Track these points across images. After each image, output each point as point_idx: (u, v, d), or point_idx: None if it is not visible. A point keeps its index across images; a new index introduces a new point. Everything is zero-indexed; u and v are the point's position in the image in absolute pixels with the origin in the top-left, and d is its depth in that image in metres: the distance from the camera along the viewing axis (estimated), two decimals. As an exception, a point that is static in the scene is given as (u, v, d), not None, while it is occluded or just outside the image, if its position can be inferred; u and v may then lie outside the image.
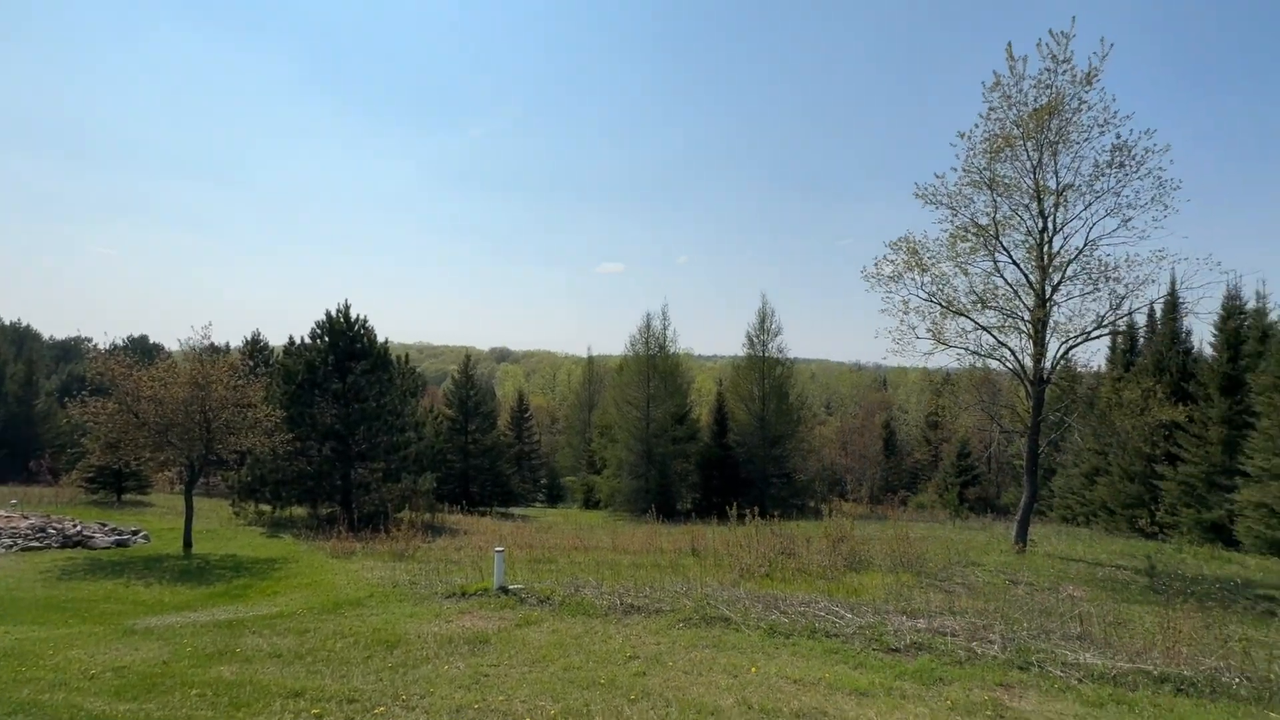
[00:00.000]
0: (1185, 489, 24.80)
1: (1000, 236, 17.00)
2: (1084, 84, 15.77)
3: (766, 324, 43.36)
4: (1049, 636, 7.71)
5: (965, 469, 47.05)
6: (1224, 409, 23.47)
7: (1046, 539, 21.01)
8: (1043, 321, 16.63)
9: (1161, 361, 28.78)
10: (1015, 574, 13.84)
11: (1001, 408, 18.74)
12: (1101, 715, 5.33)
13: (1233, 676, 6.45)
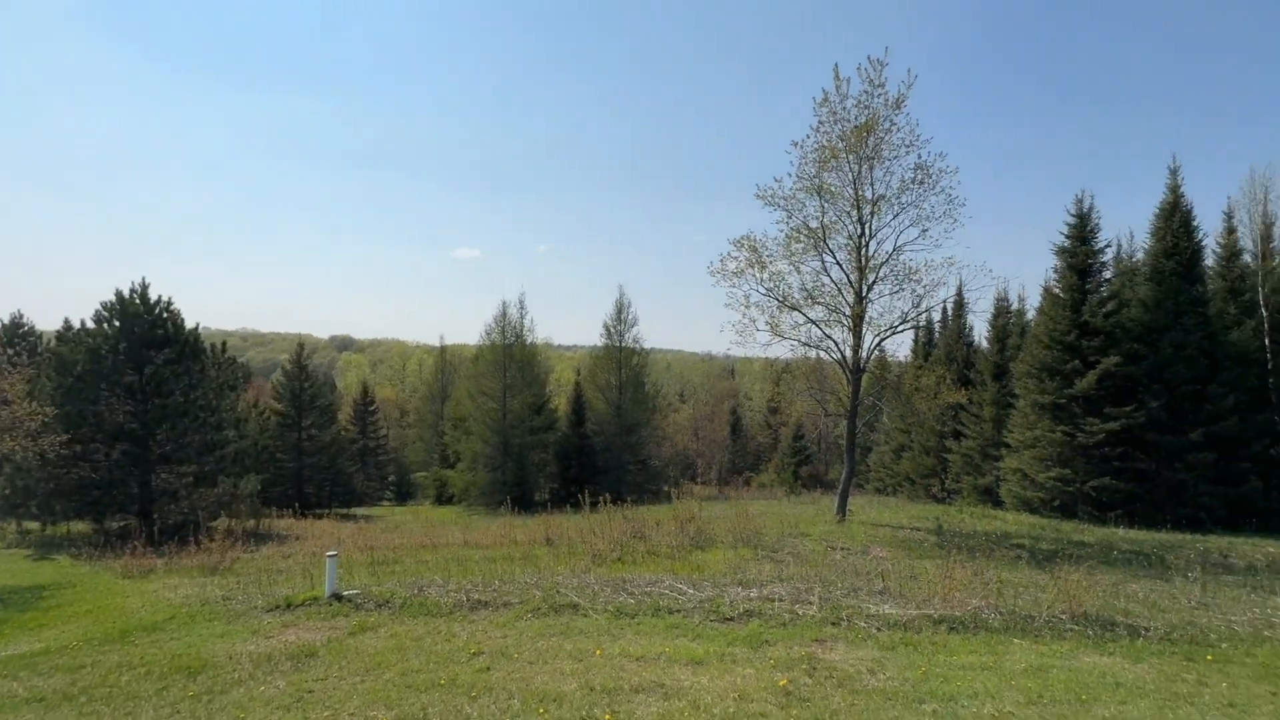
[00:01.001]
0: (966, 460, 29.48)
1: (827, 239, 18.84)
2: (894, 108, 17.91)
3: (624, 315, 44.25)
4: (857, 594, 8.79)
5: (800, 449, 51.88)
6: (994, 392, 28.19)
7: (863, 508, 23.80)
8: (860, 316, 18.74)
9: (951, 352, 33.83)
10: (835, 541, 15.53)
11: (828, 394, 20.88)
12: (893, 656, 6.18)
13: (990, 613, 7.81)
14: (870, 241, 19.05)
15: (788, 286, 19.31)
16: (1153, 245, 23.51)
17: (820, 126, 18.34)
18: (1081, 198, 23.90)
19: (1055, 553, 14.09)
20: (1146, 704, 4.95)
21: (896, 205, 18.50)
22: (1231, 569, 12.41)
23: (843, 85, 17.91)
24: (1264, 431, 21.50)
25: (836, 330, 19.53)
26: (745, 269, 18.85)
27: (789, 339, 19.64)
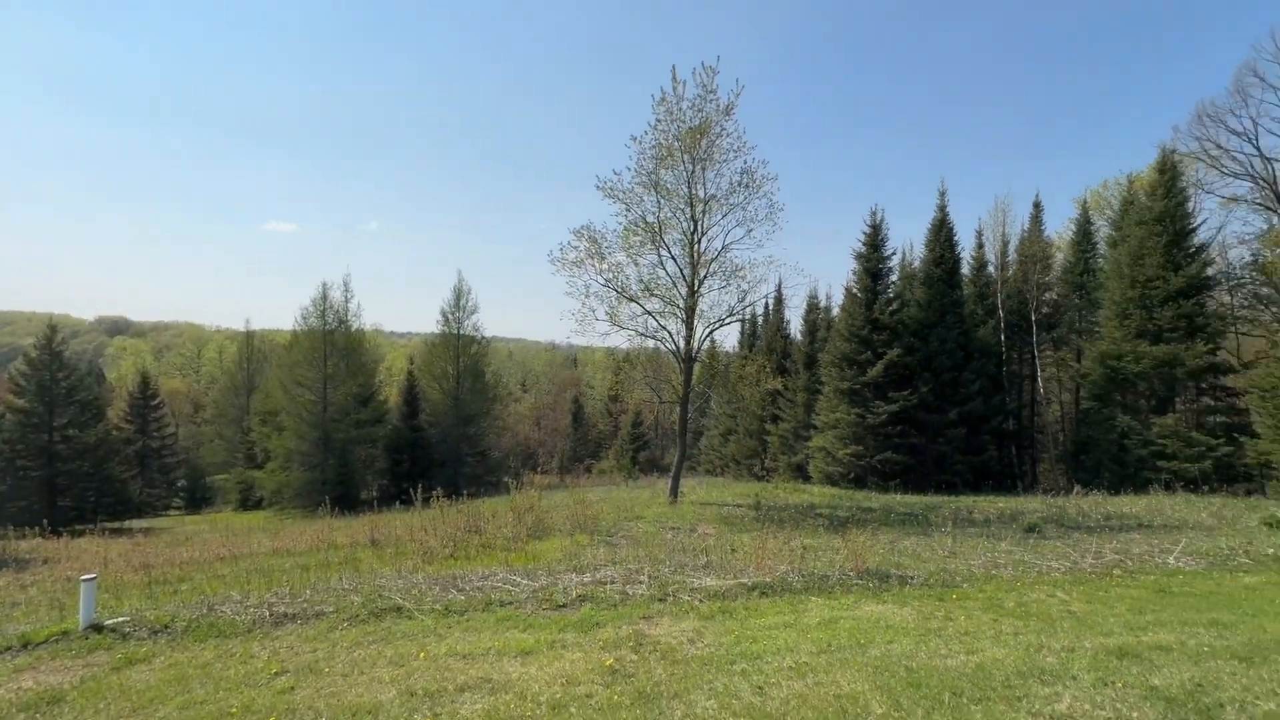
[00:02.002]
0: (782, 441, 32.73)
1: (663, 234, 19.65)
2: (725, 114, 19.13)
3: (463, 301, 42.45)
4: (683, 570, 9.35)
5: (638, 436, 53.85)
6: (806, 379, 31.57)
7: (694, 490, 25.37)
8: (693, 309, 19.86)
9: (771, 343, 37.23)
10: (667, 522, 16.39)
11: (662, 382, 21.87)
12: (711, 625, 6.68)
13: (795, 576, 8.76)
14: (702, 238, 20.21)
15: (626, 278, 19.86)
16: (926, 255, 27.85)
17: (658, 124, 19.02)
18: (875, 211, 27.59)
19: (849, 519, 16.19)
20: (908, 640, 5.88)
21: (725, 205, 19.82)
22: (974, 522, 15.20)
23: (679, 87, 18.72)
24: (999, 410, 26.62)
25: (671, 321, 20.50)
26: (585, 259, 19.03)
27: (627, 329, 20.23)
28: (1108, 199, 32.35)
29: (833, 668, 4.93)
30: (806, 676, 4.76)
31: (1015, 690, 4.10)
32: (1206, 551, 10.47)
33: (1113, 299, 23.45)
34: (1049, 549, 11.27)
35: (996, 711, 3.79)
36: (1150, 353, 21.30)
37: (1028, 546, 11.57)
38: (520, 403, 70.34)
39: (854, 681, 4.53)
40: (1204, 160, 26.44)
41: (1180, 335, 21.09)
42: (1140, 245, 22.56)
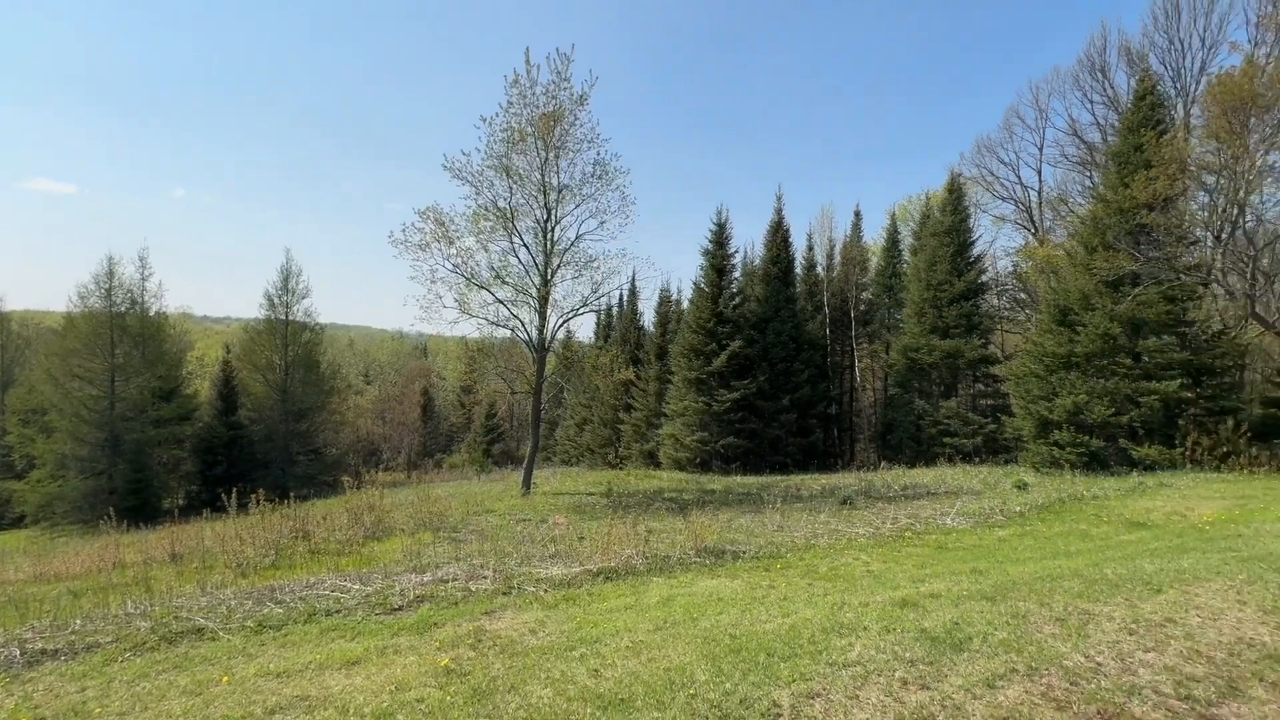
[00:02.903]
0: (635, 429, 33.70)
1: (515, 220, 19.21)
2: (579, 103, 19.10)
3: (292, 284, 38.31)
4: (530, 561, 9.30)
5: (492, 428, 52.41)
6: (658, 369, 32.75)
7: (547, 480, 25.27)
8: (545, 298, 19.69)
9: (625, 334, 38.09)
10: (519, 514, 16.17)
11: (515, 373, 21.47)
12: (555, 614, 6.71)
13: (639, 559, 9.08)
14: (555, 227, 20.08)
15: (476, 264, 19.17)
16: (764, 254, 30.12)
17: (510, 107, 18.51)
18: (720, 211, 29.24)
19: (693, 501, 17.14)
20: (735, 610, 6.36)
21: (578, 196, 19.85)
22: (801, 498, 16.84)
23: (533, 70, 18.35)
24: (824, 396, 29.64)
25: (524, 310, 20.17)
26: (431, 242, 18.05)
27: (477, 317, 19.56)
28: (911, 212, 37.29)
29: (666, 643, 5.18)
30: (641, 654, 4.96)
31: (818, 645, 4.61)
32: (974, 512, 12.54)
33: (913, 299, 27.13)
34: (858, 518, 12.82)
35: (801, 665, 4.24)
36: (940, 346, 24.98)
37: (842, 517, 13.06)
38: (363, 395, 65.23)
39: (684, 654, 4.80)
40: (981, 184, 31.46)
41: (961, 331, 24.99)
42: (933, 254, 26.32)
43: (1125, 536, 9.46)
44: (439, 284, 18.62)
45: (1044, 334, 19.69)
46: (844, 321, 33.37)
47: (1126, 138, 18.86)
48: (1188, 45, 25.03)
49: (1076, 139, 28.84)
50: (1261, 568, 5.83)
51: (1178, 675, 3.81)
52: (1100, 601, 5.08)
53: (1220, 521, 9.94)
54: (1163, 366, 17.07)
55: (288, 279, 37.83)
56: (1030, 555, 8.31)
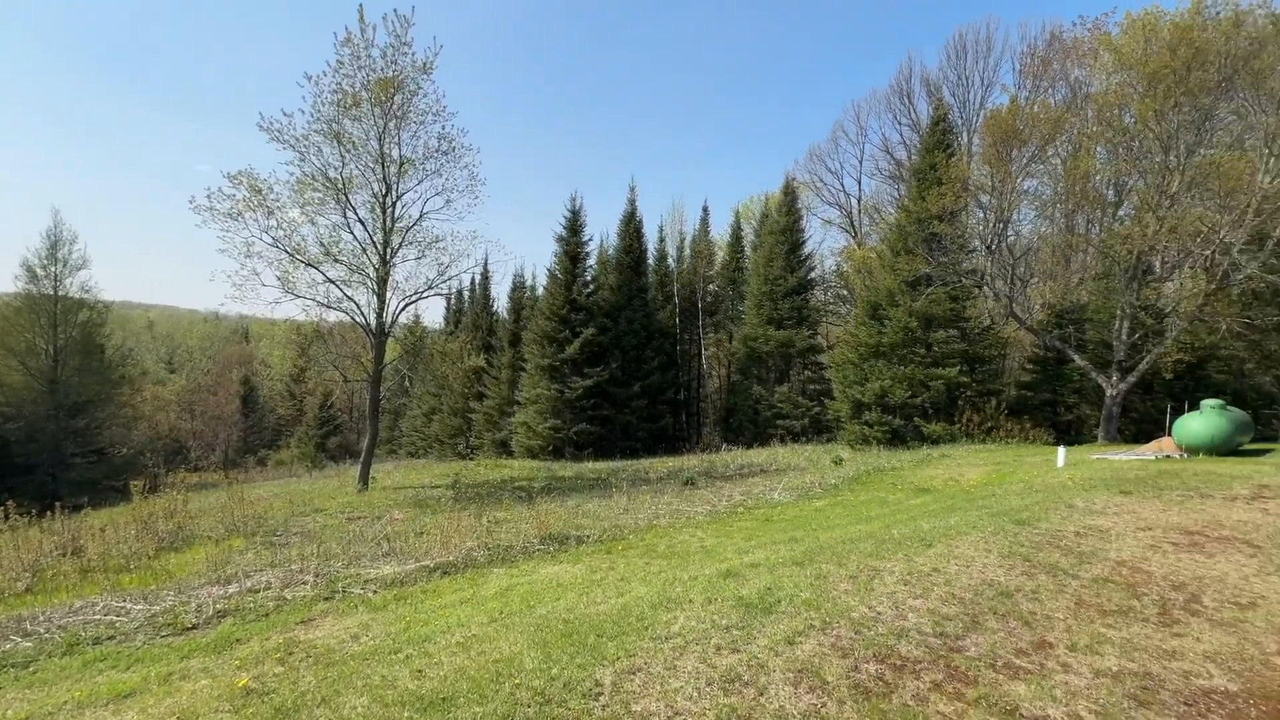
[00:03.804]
0: (487, 418, 32.75)
1: (349, 193, 17.61)
2: (422, 71, 17.89)
3: (63, 252, 31.95)
4: (360, 561, 8.66)
5: (328, 420, 48.00)
6: (511, 356, 32.04)
7: (390, 474, 23.71)
8: (385, 279, 18.33)
9: (477, 320, 36.76)
10: (354, 512, 15.00)
11: (349, 359, 19.79)
12: (382, 615, 6.31)
13: (480, 551, 8.83)
14: (396, 203, 18.74)
15: (302, 239, 17.32)
16: (618, 243, 30.61)
17: (341, 67, 16.87)
18: (575, 197, 29.16)
19: (544, 489, 17.05)
20: (573, 594, 6.42)
21: (422, 171, 18.69)
22: (649, 481, 17.46)
23: (368, 30, 16.85)
24: (673, 383, 30.93)
25: (360, 292, 18.63)
26: (244, 211, 15.97)
27: (305, 298, 17.71)
28: (753, 210, 40.02)
29: (498, 635, 5.09)
30: (471, 649, 4.82)
31: (646, 621, 4.80)
32: (798, 486, 13.86)
33: (753, 292, 29.19)
34: (699, 497, 13.58)
35: (628, 642, 4.38)
36: (775, 336, 27.17)
37: (684, 497, 13.75)
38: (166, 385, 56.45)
39: (515, 643, 4.74)
40: (812, 189, 34.56)
41: (793, 323, 27.38)
42: (771, 251, 28.49)
43: (913, 501, 11.00)
44: (255, 259, 16.57)
45: (859, 326, 22.20)
46: (692, 312, 35.02)
47: (924, 157, 21.76)
48: (971, 82, 29.46)
49: (888, 155, 32.78)
50: (1004, 520, 7.07)
51: (936, 616, 4.49)
52: (885, 559, 5.84)
53: (982, 484, 11.94)
54: (947, 355, 20.06)
55: (56, 246, 31.39)
56: (839, 522, 9.35)
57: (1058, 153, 21.06)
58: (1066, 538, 6.30)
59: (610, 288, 29.46)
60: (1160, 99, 16.21)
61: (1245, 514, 7.17)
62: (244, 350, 70.48)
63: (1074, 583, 5.11)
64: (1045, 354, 21.77)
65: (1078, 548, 5.98)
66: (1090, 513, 7.29)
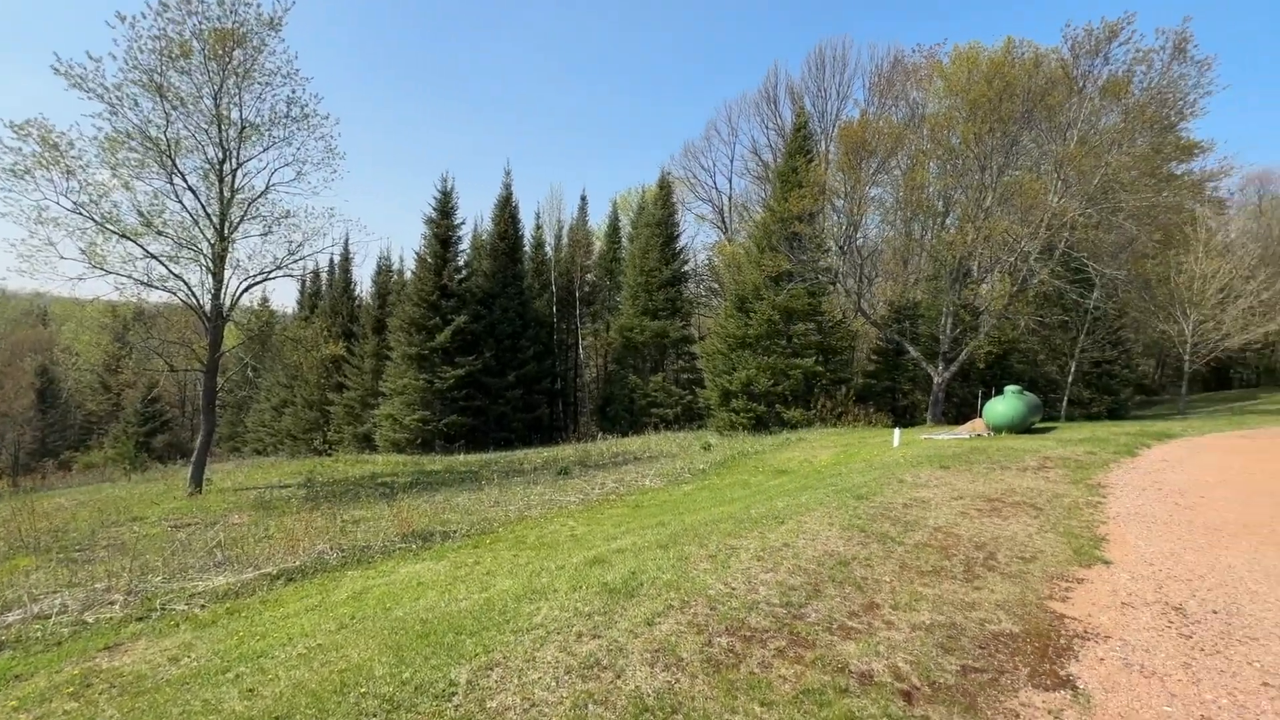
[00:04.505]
0: (348, 410, 30.43)
1: (176, 156, 15.43)
2: (269, 27, 16.05)
3: None
4: (186, 573, 7.69)
5: (154, 415, 42.09)
6: (375, 345, 29.96)
7: (231, 474, 21.28)
8: (222, 257, 16.32)
9: (336, 305, 33.94)
10: (182, 518, 13.29)
11: (175, 345, 17.43)
12: (209, 632, 5.64)
13: (333, 553, 8.19)
14: (237, 171, 16.72)
15: (114, 205, 14.91)
16: (493, 229, 29.65)
17: (166, 10, 14.68)
18: (446, 178, 27.79)
19: (410, 484, 16.18)
20: (434, 593, 6.15)
21: (269, 138, 16.82)
22: (523, 472, 17.17)
23: (200, -28, 14.77)
24: (549, 373, 30.65)
25: (191, 270, 16.45)
26: (34, 169, 13.44)
27: (118, 274, 15.29)
28: (630, 202, 40.51)
29: (348, 642, 4.74)
30: (315, 660, 4.44)
31: (508, 614, 4.70)
32: (668, 472, 14.32)
33: (629, 283, 29.60)
34: (573, 486, 13.58)
35: (488, 637, 4.26)
36: (650, 326, 27.79)
37: (558, 487, 13.68)
38: (-78, 377, 46.37)
39: (366, 650, 4.45)
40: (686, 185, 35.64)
41: (668, 314, 28.16)
42: (647, 242, 29.04)
43: (772, 482, 11.78)
44: (51, 226, 14.01)
45: (728, 319, 23.31)
46: (570, 301, 34.81)
47: (787, 161, 23.23)
48: (829, 94, 31.86)
49: (756, 157, 34.59)
50: (846, 496, 7.78)
51: (784, 587, 4.84)
52: (743, 537, 6.19)
53: (831, 464, 13.06)
54: (805, 347, 21.68)
55: None
56: (704, 505, 9.78)
57: (899, 165, 23.44)
58: (896, 509, 7.05)
59: (484, 274, 28.47)
60: (979, 124, 18.55)
61: (1033, 482, 8.47)
62: (41, 335, 59.64)
63: (899, 549, 5.73)
64: (886, 346, 24.22)
65: (904, 517, 6.72)
66: (916, 486, 8.22)
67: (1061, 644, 4.12)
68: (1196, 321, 21.54)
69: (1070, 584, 5.08)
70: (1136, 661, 3.88)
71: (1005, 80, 18.36)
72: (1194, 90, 18.92)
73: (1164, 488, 8.24)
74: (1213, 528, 6.49)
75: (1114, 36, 18.04)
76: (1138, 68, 18.36)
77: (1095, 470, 9.29)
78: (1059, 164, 18.33)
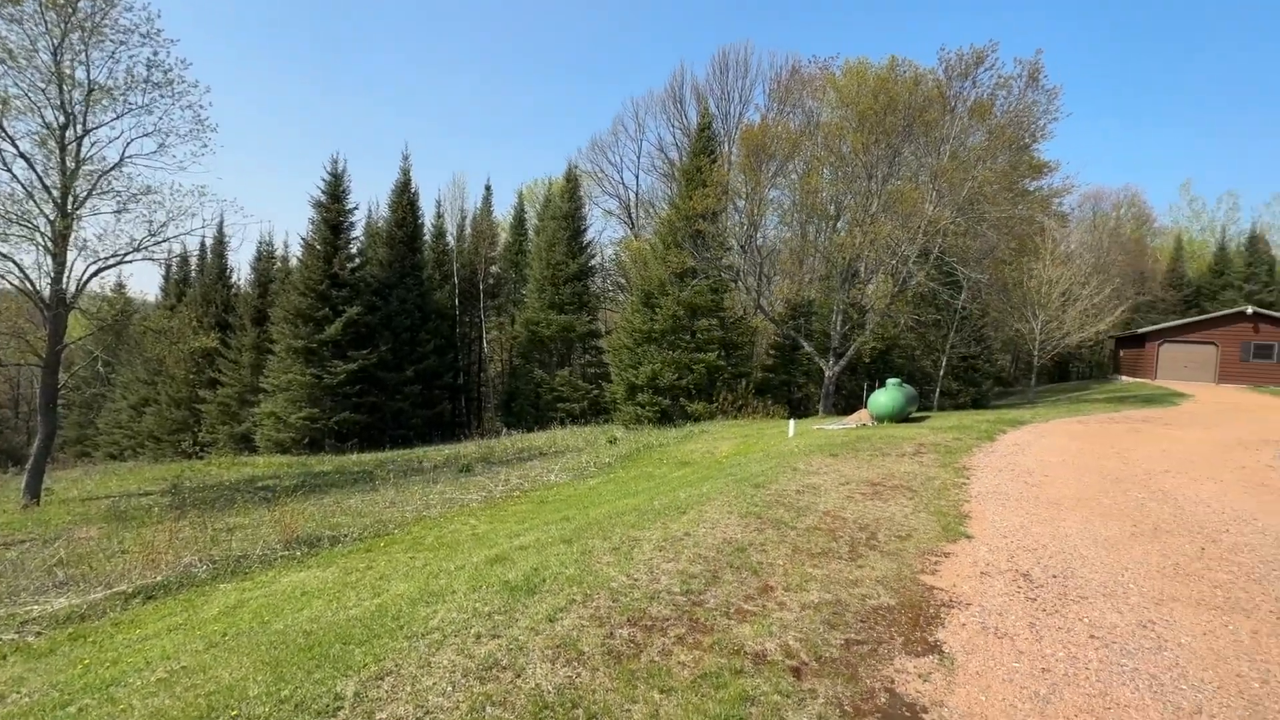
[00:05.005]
0: (223, 409, 27.80)
1: (3, 116, 13.35)
2: (121, -22, 14.25)
3: None
4: (17, 598, 6.71)
5: (-25, 417, 36.35)
6: (255, 337, 27.56)
7: (79, 483, 18.87)
8: (64, 235, 14.34)
9: (209, 294, 30.87)
10: (14, 535, 11.59)
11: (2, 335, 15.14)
12: (47, 662, 4.97)
13: (202, 566, 7.46)
14: (84, 139, 14.76)
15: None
16: (390, 216, 28.13)
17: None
18: (336, 159, 25.96)
19: (298, 486, 15.04)
20: (321, 601, 5.76)
21: (124, 104, 14.95)
22: (421, 471, 16.47)
23: (29, -95, 12.84)
24: (451, 367, 29.58)
25: (24, 249, 14.34)
26: None
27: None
28: (537, 193, 39.83)
29: (218, 662, 4.33)
30: (178, 684, 4.03)
31: (403, 619, 4.49)
32: (574, 467, 14.26)
33: (535, 276, 29.13)
34: (475, 484, 13.20)
35: (380, 645, 4.05)
36: (557, 320, 27.51)
37: (459, 485, 13.24)
38: None
39: (239, 668, 4.08)
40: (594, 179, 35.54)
41: (575, 308, 28.00)
42: (553, 235, 28.69)
43: (675, 474, 12.05)
44: None
45: (634, 313, 23.54)
46: (473, 293, 33.73)
47: (692, 160, 23.77)
48: (733, 97, 32.91)
49: (663, 154, 35.12)
50: (745, 485, 8.10)
51: (684, 576, 4.96)
52: (646, 528, 6.28)
53: (732, 455, 13.56)
54: (708, 342, 22.33)
55: None
56: (609, 498, 9.83)
57: (796, 169, 24.63)
58: (790, 496, 7.43)
59: (380, 263, 26.93)
60: (866, 135, 19.87)
61: (909, 466, 9.22)
62: None
63: (792, 533, 6.05)
64: (784, 342, 25.45)
65: (797, 503, 7.10)
66: (808, 473, 8.71)
67: (931, 613, 4.51)
68: (1044, 321, 24.33)
69: (939, 558, 5.58)
70: (992, 625, 4.34)
71: (889, 96, 19.78)
72: (1044, 115, 21.28)
73: (1016, 469, 9.26)
74: (1054, 502, 7.37)
75: (980, 62, 19.92)
76: (999, 92, 20.39)
77: (961, 454, 10.27)
78: (934, 176, 20.02)
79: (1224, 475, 8.93)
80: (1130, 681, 3.63)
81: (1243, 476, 8.88)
